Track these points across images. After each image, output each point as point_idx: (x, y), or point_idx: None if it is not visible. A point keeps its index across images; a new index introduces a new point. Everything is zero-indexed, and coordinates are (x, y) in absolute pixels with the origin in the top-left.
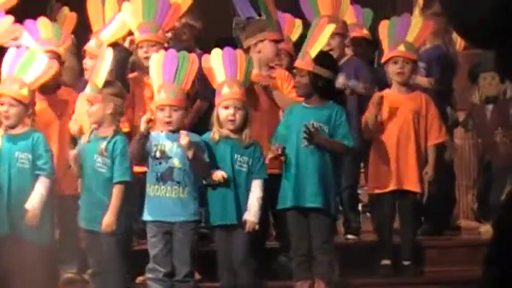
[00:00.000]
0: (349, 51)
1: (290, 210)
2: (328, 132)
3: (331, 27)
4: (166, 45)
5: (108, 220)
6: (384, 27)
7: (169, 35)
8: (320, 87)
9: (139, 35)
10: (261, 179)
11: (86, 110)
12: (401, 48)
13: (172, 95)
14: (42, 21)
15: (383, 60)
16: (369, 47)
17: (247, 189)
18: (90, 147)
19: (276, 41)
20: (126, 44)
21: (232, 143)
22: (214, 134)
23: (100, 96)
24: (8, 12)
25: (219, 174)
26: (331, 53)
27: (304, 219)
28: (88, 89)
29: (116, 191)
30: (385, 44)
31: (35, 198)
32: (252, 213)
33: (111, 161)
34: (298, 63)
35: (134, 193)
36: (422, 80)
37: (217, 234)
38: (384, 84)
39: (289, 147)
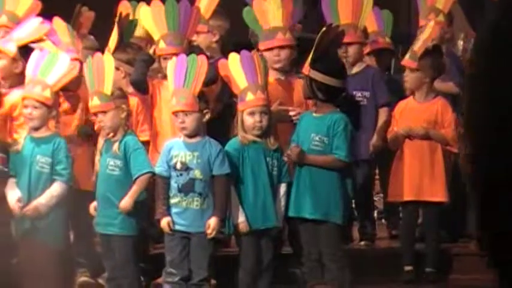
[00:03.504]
0: (366, 60)
1: (297, 219)
2: (329, 144)
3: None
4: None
5: (125, 203)
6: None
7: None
8: (318, 91)
9: (166, 47)
10: (287, 183)
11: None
12: (406, 56)
13: (182, 99)
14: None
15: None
16: (388, 55)
17: (277, 193)
18: (103, 154)
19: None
20: (151, 52)
21: (262, 146)
22: (242, 138)
23: (112, 104)
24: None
25: (244, 228)
26: (346, 60)
27: (310, 227)
28: (95, 101)
29: (138, 183)
30: None
31: (44, 196)
32: (280, 219)
33: (124, 162)
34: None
35: (150, 195)
36: (447, 86)
37: (248, 240)
38: (399, 92)
39: None
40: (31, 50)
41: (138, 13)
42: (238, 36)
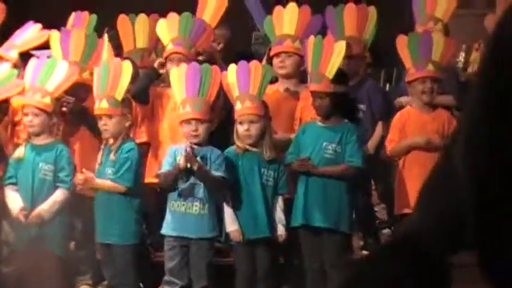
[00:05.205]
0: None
1: (301, 228)
2: (341, 153)
3: (342, 45)
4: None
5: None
6: (402, 43)
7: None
8: (340, 105)
9: (172, 47)
10: (285, 194)
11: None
12: (430, 67)
13: (197, 108)
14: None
15: (408, 79)
16: (370, 67)
17: (273, 204)
18: (102, 162)
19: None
20: (156, 65)
21: (256, 156)
22: (237, 148)
23: (119, 109)
24: None
25: (237, 236)
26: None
27: (316, 236)
28: (103, 103)
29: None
30: (407, 62)
31: (47, 203)
32: (283, 227)
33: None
34: (315, 87)
35: (148, 203)
36: (444, 99)
37: (241, 248)
38: (391, 105)
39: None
40: (30, 56)
41: (138, 25)
42: (240, 45)
